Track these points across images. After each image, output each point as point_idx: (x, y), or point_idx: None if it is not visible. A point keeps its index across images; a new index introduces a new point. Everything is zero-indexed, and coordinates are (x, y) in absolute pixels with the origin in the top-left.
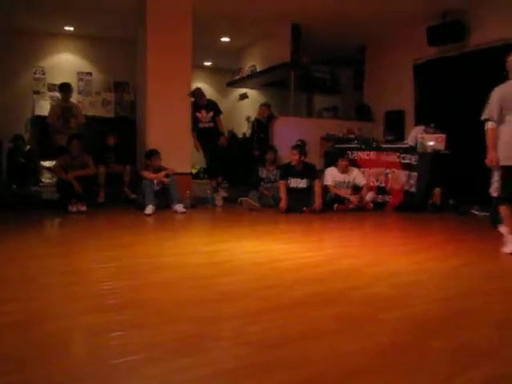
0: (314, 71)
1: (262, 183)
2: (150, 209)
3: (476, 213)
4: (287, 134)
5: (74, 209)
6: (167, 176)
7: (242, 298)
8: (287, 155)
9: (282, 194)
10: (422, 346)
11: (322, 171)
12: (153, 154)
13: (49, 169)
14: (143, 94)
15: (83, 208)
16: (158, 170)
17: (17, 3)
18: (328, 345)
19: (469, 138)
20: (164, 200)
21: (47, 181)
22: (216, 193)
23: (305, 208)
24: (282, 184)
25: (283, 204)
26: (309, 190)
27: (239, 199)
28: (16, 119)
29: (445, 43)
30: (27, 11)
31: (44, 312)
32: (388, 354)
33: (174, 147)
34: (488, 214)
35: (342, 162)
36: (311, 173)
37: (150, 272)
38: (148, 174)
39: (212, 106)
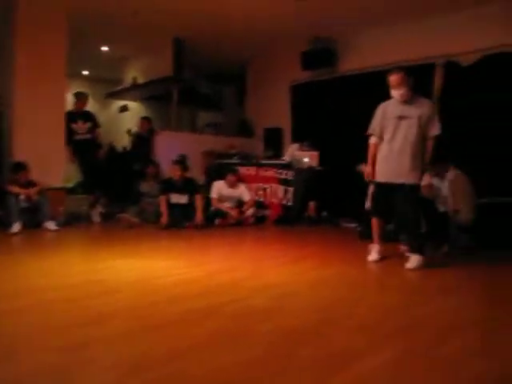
0: (198, 86)
1: (143, 198)
2: (16, 227)
3: (346, 225)
4: (169, 148)
5: None
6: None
7: (115, 318)
8: (169, 170)
9: (163, 209)
10: (293, 355)
11: (204, 186)
12: (20, 167)
13: None
14: (10, 104)
15: None
16: (27, 184)
17: None
18: (207, 360)
19: (339, 155)
20: (34, 217)
21: None
22: (93, 208)
23: (186, 223)
24: (162, 199)
25: (164, 219)
26: (190, 205)
27: (117, 215)
28: None
29: (317, 68)
30: None
31: None
32: (263, 364)
33: (45, 160)
34: (357, 225)
35: (231, 177)
36: (192, 187)
37: (15, 296)
38: (14, 189)
39: (89, 117)
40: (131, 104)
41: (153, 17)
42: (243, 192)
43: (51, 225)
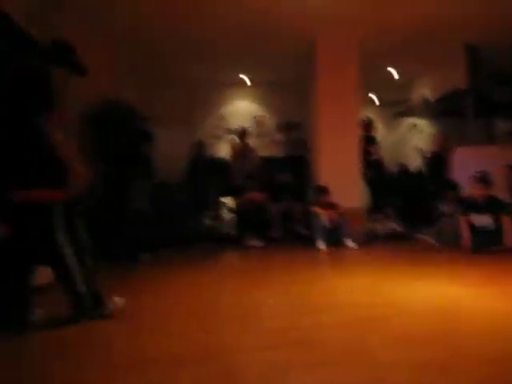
0: (493, 94)
1: (441, 218)
2: (321, 245)
3: None
4: (466, 165)
5: (251, 243)
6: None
7: (430, 342)
8: (469, 188)
9: (464, 231)
10: None
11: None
12: (322, 190)
13: (226, 205)
14: (314, 132)
15: (259, 243)
16: (328, 205)
17: (197, 65)
18: None
19: None
20: (336, 235)
21: (225, 216)
22: (383, 226)
23: (492, 247)
24: (462, 220)
25: (465, 242)
26: (496, 226)
27: (415, 235)
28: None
29: None
30: (204, 69)
31: (222, 345)
32: None
33: (344, 182)
34: None
35: None
36: (497, 207)
37: (326, 310)
38: (318, 210)
39: (374, 140)
40: (420, 122)
41: (442, 26)
42: None
43: (351, 243)
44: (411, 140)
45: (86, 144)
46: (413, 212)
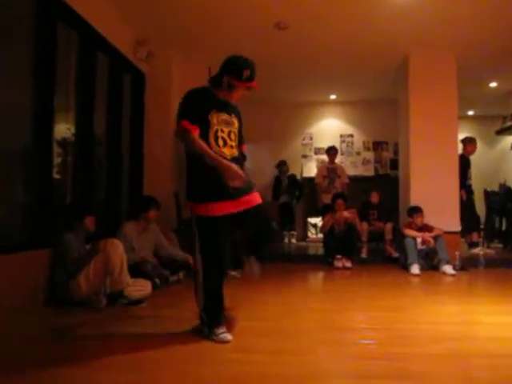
0: None
1: None
2: (415, 269)
3: None
4: None
5: (340, 264)
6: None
7: None
8: None
9: None
10: None
11: None
12: (415, 211)
13: (314, 225)
14: (406, 152)
15: (348, 264)
16: (423, 227)
17: (285, 85)
18: None
19: None
20: (429, 260)
21: (312, 236)
22: (476, 250)
23: None
24: None
25: None
26: None
27: None
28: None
29: None
30: (292, 89)
31: (317, 369)
32: None
33: (440, 204)
34: None
35: None
36: None
37: (426, 340)
38: (410, 232)
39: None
40: None
41: None
42: None
43: (448, 269)
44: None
45: None
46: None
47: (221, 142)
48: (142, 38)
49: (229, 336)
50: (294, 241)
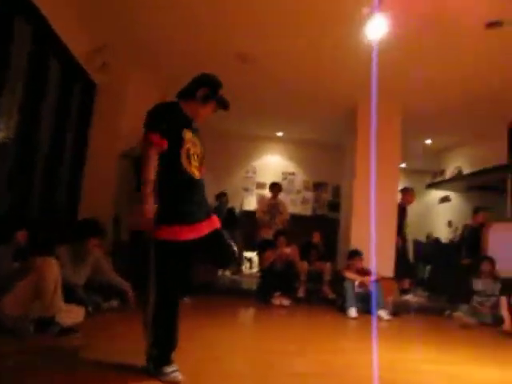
0: None
1: (476, 297)
2: (353, 312)
3: None
4: (503, 242)
5: (277, 302)
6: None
7: None
8: (504, 268)
9: (504, 313)
10: None
11: None
12: (355, 254)
13: (249, 260)
14: (349, 195)
15: (286, 302)
16: (362, 271)
17: (235, 116)
18: None
19: None
20: (366, 304)
21: (247, 271)
22: (407, 297)
23: None
24: (503, 300)
25: (508, 325)
26: None
27: (447, 312)
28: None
29: None
30: (241, 121)
31: None
32: None
33: (377, 249)
34: None
35: None
36: None
37: None
38: (350, 275)
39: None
40: (452, 195)
41: (489, 106)
42: None
43: (384, 313)
44: (441, 212)
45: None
46: (446, 285)
47: (192, 161)
48: (99, 45)
49: (179, 376)
50: (227, 274)
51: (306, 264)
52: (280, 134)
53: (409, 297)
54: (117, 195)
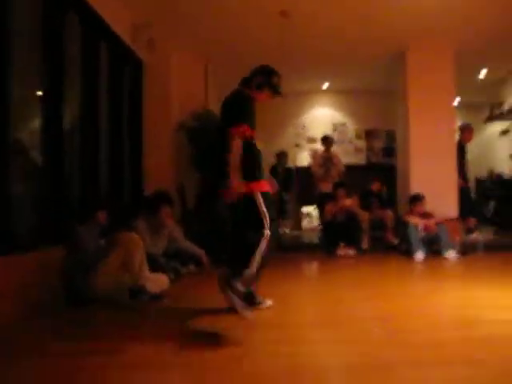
0: None
1: None
2: (420, 255)
3: None
4: None
5: (342, 252)
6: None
7: None
8: None
9: None
10: None
11: None
12: (417, 199)
13: (308, 214)
14: (404, 139)
15: (351, 252)
16: (424, 215)
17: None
18: None
19: None
20: (431, 247)
21: (307, 226)
22: (474, 235)
23: None
24: None
25: None
26: None
27: None
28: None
29: None
30: (285, 77)
31: (373, 355)
32: None
33: (439, 192)
34: None
35: None
36: None
37: (461, 324)
38: (413, 219)
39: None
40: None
41: None
42: None
43: (451, 254)
44: (501, 145)
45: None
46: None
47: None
48: (144, 22)
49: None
50: (287, 230)
51: (367, 214)
52: (326, 85)
53: (475, 235)
54: (177, 166)
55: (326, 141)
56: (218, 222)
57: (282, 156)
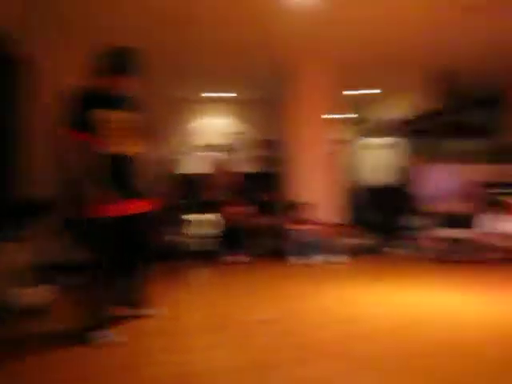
0: (461, 115)
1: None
2: (295, 259)
3: None
4: (439, 181)
5: (234, 259)
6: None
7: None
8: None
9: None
10: None
11: None
12: (293, 206)
13: (202, 221)
14: (287, 150)
15: (244, 258)
16: (302, 221)
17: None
18: None
19: None
20: (309, 250)
21: (200, 232)
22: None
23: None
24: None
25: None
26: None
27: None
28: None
29: None
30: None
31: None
32: None
33: (320, 198)
34: None
35: None
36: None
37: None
38: (292, 226)
39: None
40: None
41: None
42: None
43: (333, 258)
44: (384, 157)
45: None
46: (386, 225)
47: None
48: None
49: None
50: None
51: (260, 220)
52: (224, 94)
53: (356, 240)
54: None
55: (225, 148)
56: None
57: (171, 163)
